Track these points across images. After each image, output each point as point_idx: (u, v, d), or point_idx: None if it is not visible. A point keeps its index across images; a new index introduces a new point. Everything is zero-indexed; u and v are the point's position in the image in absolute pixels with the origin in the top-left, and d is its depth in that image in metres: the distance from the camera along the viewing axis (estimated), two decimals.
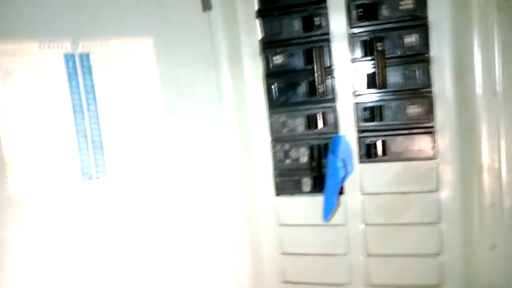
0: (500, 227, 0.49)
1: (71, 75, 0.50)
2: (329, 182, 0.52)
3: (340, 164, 0.51)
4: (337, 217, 0.56)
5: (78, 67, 0.50)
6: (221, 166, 0.57)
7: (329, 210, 0.51)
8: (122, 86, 0.52)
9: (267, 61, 0.55)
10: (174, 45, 0.54)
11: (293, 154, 0.56)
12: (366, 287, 0.56)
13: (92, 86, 0.51)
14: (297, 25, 0.53)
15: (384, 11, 0.49)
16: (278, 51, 0.54)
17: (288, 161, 0.57)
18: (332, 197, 0.51)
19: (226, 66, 0.55)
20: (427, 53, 0.49)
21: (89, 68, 0.51)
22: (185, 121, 0.56)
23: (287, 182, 0.57)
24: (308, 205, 0.57)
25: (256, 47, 0.55)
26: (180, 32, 0.54)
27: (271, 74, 0.55)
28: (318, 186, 0.55)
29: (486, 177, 0.48)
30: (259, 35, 0.55)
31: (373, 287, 0.56)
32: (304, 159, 0.56)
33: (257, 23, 0.55)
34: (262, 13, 0.54)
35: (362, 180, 0.55)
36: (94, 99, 0.51)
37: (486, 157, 0.48)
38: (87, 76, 0.51)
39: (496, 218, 0.49)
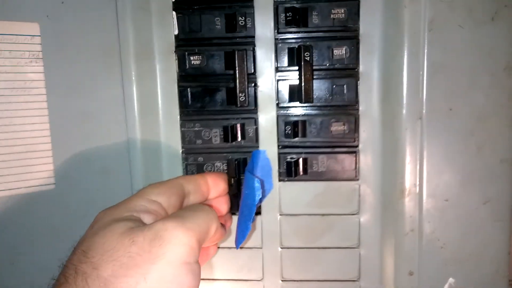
0: (418, 254, 0.47)
1: None
2: (245, 204, 0.46)
3: (257, 184, 0.45)
4: (253, 240, 0.51)
5: None
6: (123, 180, 0.49)
7: (242, 236, 0.46)
8: None
9: (182, 61, 0.47)
10: (70, 30, 0.45)
11: (208, 168, 0.50)
12: None
13: None
14: (219, 23, 0.46)
15: (315, 18, 0.45)
16: (195, 50, 0.47)
17: None
18: (247, 221, 0.45)
19: (133, 63, 0.46)
20: (356, 68, 0.46)
21: None
22: (79, 125, 0.46)
23: None
24: None
25: (172, 43, 0.48)
26: (78, 17, 0.45)
27: (186, 76, 0.48)
28: (236, 205, 0.50)
29: (406, 202, 0.46)
30: (175, 31, 0.48)
31: None
32: None
33: (174, 16, 0.47)
34: (179, 5, 0.47)
35: (281, 200, 0.50)
36: None
37: (407, 181, 0.46)
38: None
39: (414, 245, 0.47)
